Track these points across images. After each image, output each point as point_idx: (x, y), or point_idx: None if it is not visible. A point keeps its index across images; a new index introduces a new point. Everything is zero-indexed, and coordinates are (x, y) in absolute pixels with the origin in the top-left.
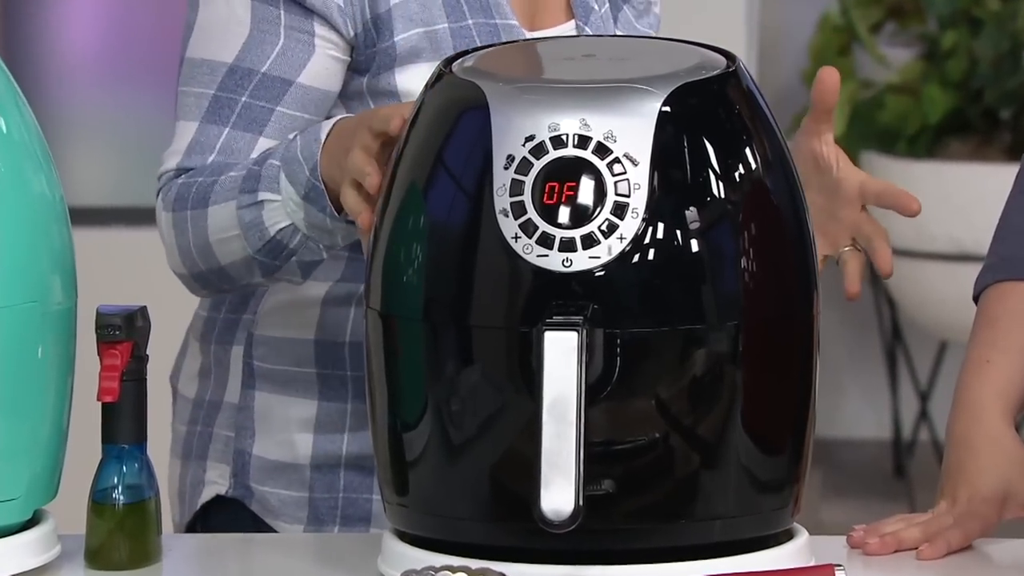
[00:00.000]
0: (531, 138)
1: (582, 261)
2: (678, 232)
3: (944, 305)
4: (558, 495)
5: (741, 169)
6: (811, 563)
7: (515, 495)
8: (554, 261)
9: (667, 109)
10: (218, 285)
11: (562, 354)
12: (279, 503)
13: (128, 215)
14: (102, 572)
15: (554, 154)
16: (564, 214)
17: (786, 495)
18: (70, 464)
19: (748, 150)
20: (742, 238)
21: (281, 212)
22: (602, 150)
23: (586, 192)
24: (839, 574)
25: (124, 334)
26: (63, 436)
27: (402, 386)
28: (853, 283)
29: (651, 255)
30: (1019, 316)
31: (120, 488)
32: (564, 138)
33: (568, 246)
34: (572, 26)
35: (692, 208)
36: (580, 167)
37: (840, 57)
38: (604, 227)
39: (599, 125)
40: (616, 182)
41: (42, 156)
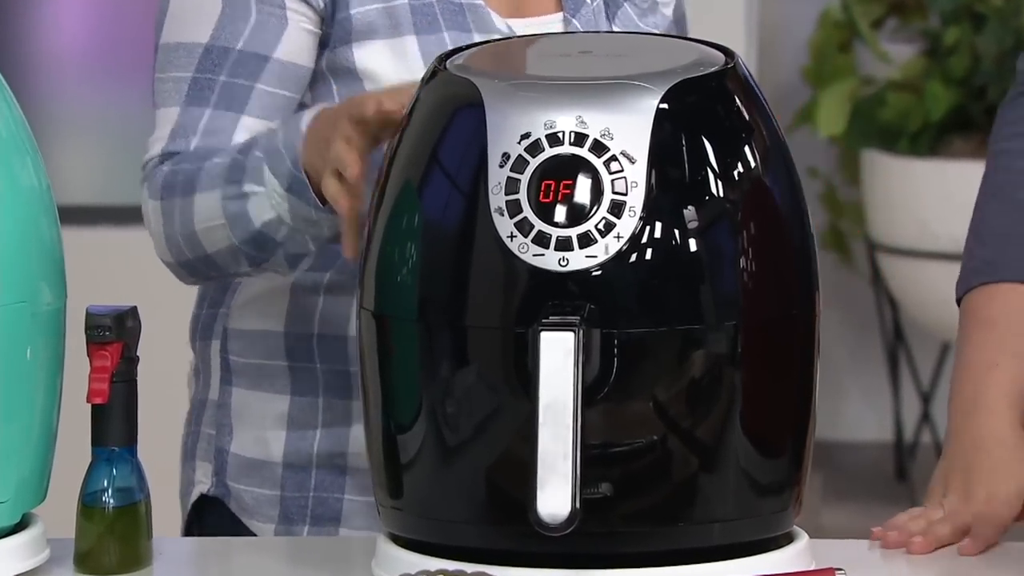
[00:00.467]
0: (527, 135)
1: (579, 260)
2: (676, 231)
3: (947, 305)
4: (554, 498)
5: (740, 167)
6: (811, 567)
7: (511, 498)
8: (550, 260)
9: (665, 106)
10: (206, 273)
11: (558, 355)
12: (253, 501)
13: (118, 214)
14: None
15: (550, 152)
16: (560, 213)
17: (786, 498)
18: (59, 467)
19: (747, 148)
20: (741, 237)
21: (266, 204)
22: (599, 148)
23: (583, 190)
24: None
25: (114, 335)
26: (52, 438)
27: (396, 387)
28: None
29: (649, 254)
30: (1017, 319)
31: (110, 491)
32: (560, 135)
33: (564, 245)
34: (559, 17)
35: (690, 207)
36: (576, 165)
37: (841, 53)
38: (601, 226)
39: (596, 122)
40: (613, 180)
41: (31, 155)
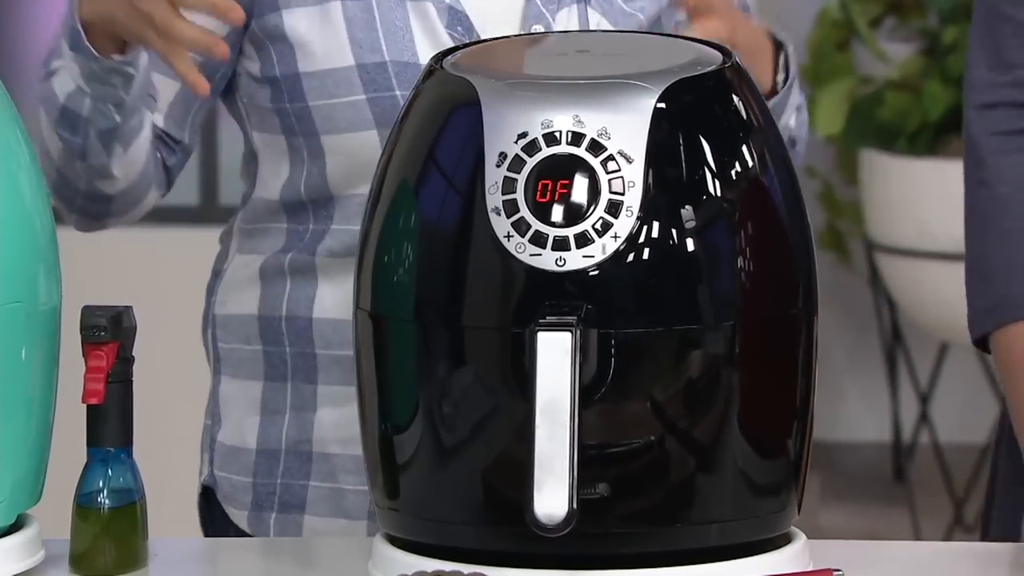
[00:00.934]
0: (524, 135)
1: (576, 260)
2: (673, 231)
3: (945, 306)
4: (551, 499)
5: (738, 166)
6: (809, 567)
7: (508, 499)
8: (547, 260)
9: (662, 105)
10: (77, 204)
11: (555, 355)
12: (231, 489)
13: None
14: None
15: (547, 151)
16: (557, 212)
17: (784, 499)
18: (54, 467)
19: (745, 147)
20: (739, 237)
21: (66, 76)
22: (596, 147)
23: (580, 190)
24: None
25: (110, 335)
26: (47, 439)
27: (393, 388)
28: None
29: (646, 254)
30: None
31: (105, 492)
32: (557, 135)
33: (561, 245)
34: None
35: (688, 206)
36: (574, 164)
37: (839, 52)
38: (598, 226)
39: (593, 122)
40: (610, 180)
41: (26, 154)
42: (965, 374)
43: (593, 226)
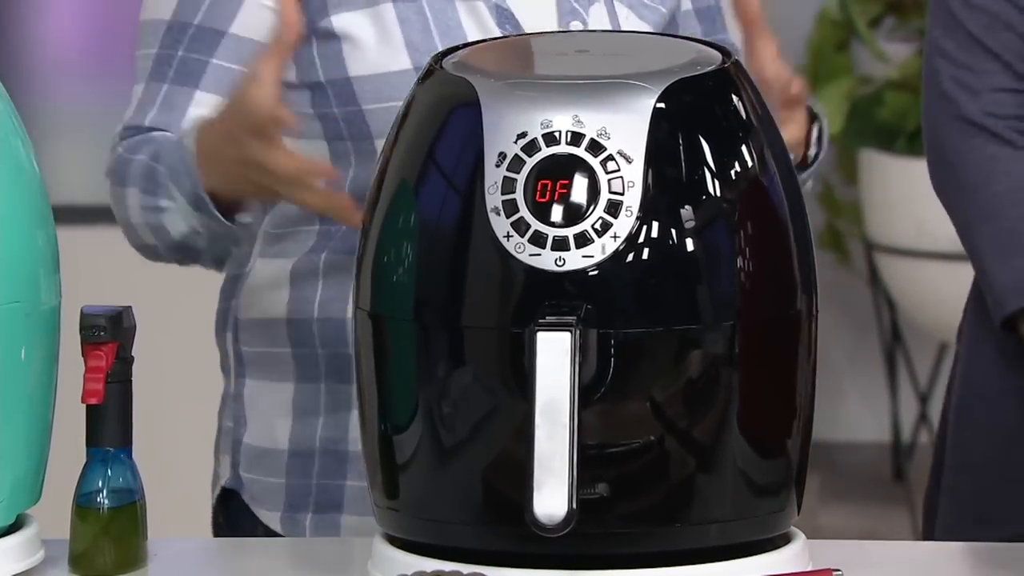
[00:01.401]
0: (523, 135)
1: (575, 260)
2: (673, 231)
3: (945, 306)
4: (551, 499)
5: (737, 166)
6: (809, 567)
7: (507, 499)
8: (547, 260)
9: (662, 105)
10: (157, 258)
11: (555, 355)
12: (261, 491)
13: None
14: None
15: (547, 151)
16: (557, 212)
17: (783, 499)
18: (54, 467)
19: (744, 147)
20: (738, 237)
21: (179, 218)
22: (595, 147)
23: (579, 190)
24: None
25: (109, 335)
26: (47, 439)
27: (392, 388)
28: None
29: (645, 254)
30: None
31: (105, 492)
32: (557, 135)
33: (561, 245)
34: None
35: (687, 206)
36: (573, 164)
37: (838, 53)
38: (598, 225)
39: (592, 122)
40: (610, 180)
41: (25, 154)
42: None
43: (593, 226)
